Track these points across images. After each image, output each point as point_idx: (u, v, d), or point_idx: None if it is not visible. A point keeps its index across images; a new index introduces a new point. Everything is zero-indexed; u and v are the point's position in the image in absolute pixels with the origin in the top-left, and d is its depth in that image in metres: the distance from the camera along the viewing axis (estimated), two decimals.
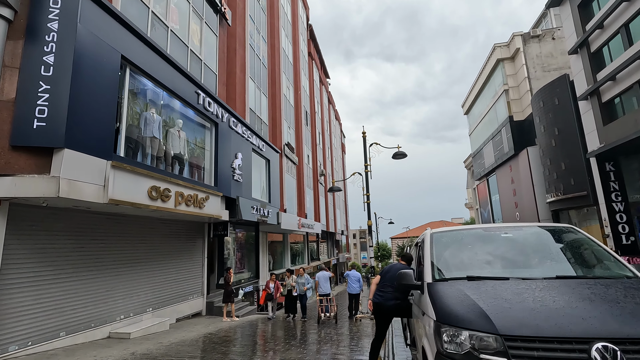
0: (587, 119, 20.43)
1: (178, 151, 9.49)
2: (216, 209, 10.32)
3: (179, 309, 10.25)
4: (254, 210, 13.46)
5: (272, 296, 11.41)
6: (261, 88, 16.76)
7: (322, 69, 36.43)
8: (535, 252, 3.50)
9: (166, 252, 9.88)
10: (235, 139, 12.56)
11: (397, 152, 11.42)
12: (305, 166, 24.95)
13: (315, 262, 27.82)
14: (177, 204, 8.37)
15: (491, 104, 34.06)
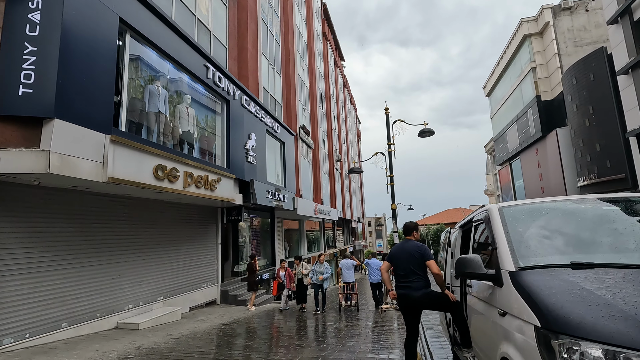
0: (628, 95, 18.73)
1: (187, 129, 8.78)
2: (229, 192, 9.63)
3: (192, 298, 9.71)
4: (269, 194, 12.76)
5: (283, 285, 10.58)
6: (275, 66, 15.86)
7: (336, 50, 35.11)
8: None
9: (177, 238, 9.29)
10: (248, 118, 11.78)
11: (423, 129, 10.42)
12: (321, 151, 24.09)
13: (331, 249, 27.21)
14: (186, 185, 7.68)
15: (516, 83, 32.18)
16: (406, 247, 4.12)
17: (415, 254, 3.98)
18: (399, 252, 4.20)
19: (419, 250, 3.99)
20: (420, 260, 3.94)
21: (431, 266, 3.89)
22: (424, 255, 3.95)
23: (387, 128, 10.70)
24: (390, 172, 10.51)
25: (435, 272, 3.86)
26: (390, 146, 10.59)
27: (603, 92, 20.88)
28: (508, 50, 33.02)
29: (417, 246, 4.04)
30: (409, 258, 4.00)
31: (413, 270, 3.95)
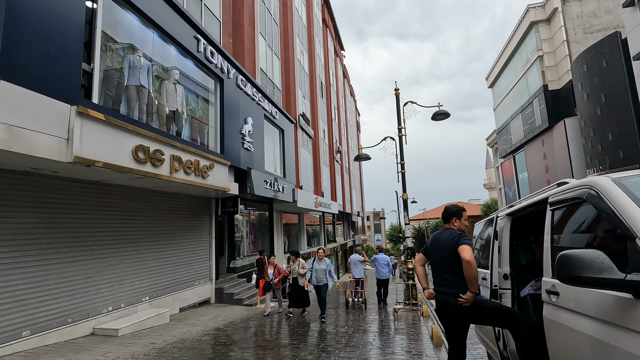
0: None
1: (174, 108, 7.77)
2: (223, 180, 8.66)
3: (183, 297, 8.78)
4: (267, 184, 11.79)
5: (270, 285, 8.76)
6: (273, 48, 14.80)
7: (336, 39, 33.97)
8: None
9: (166, 231, 8.33)
10: (245, 101, 10.77)
11: (437, 111, 9.45)
12: (322, 141, 23.10)
13: (331, 244, 26.35)
14: (173, 170, 6.70)
15: (522, 73, 31.20)
16: (439, 239, 3.20)
17: (448, 245, 3.02)
18: (432, 245, 3.30)
19: (452, 239, 3.01)
20: (454, 253, 2.95)
21: (461, 251, 2.86)
22: (457, 242, 2.95)
23: (397, 110, 9.73)
24: (400, 158, 9.56)
25: (464, 257, 2.82)
26: (400, 130, 9.63)
27: (617, 79, 19.96)
28: (513, 38, 31.98)
29: (450, 235, 3.07)
30: (441, 253, 3.11)
31: (448, 269, 3.04)
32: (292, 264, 8.60)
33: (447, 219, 3.29)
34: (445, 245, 3.06)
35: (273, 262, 8.97)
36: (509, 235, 3.63)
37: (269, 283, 8.72)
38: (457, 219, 3.26)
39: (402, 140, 9.57)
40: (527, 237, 4.04)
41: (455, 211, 3.30)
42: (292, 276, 8.51)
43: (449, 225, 3.26)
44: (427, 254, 3.37)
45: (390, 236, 70.37)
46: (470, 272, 2.82)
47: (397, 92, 9.89)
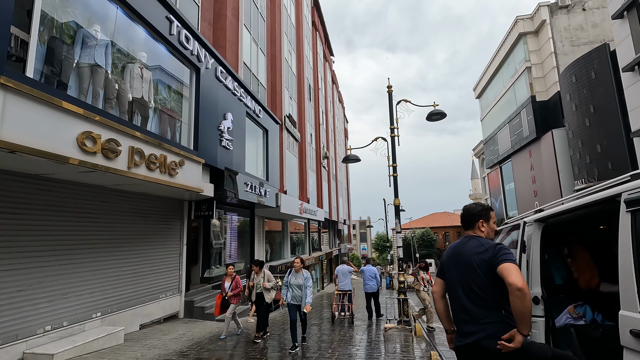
0: (632, 94, 17.76)
1: (140, 95, 6.80)
2: (195, 179, 7.70)
3: (145, 312, 7.70)
4: (247, 187, 10.86)
5: (227, 303, 7.26)
6: (258, 43, 13.98)
7: (326, 44, 33.49)
8: None
9: (127, 236, 7.29)
10: (224, 95, 9.87)
11: (433, 111, 8.78)
12: (308, 145, 22.29)
13: (316, 252, 25.38)
14: (132, 164, 5.73)
15: (510, 84, 31.33)
16: (463, 253, 2.26)
17: (479, 262, 2.13)
18: (450, 261, 2.35)
19: (485, 253, 2.13)
20: (491, 273, 2.07)
21: (506, 273, 1.95)
22: (494, 258, 2.07)
23: (389, 109, 9.00)
24: (392, 160, 8.80)
25: (513, 283, 1.89)
26: (393, 130, 8.89)
27: (605, 90, 19.94)
28: (502, 49, 32.17)
29: (481, 247, 2.17)
30: (467, 274, 2.18)
31: (478, 297, 2.11)
32: (255, 277, 7.16)
33: (470, 224, 2.38)
34: (474, 261, 2.15)
35: (231, 274, 7.49)
36: (539, 247, 2.85)
37: (225, 299, 7.23)
38: (485, 222, 2.36)
39: (395, 142, 8.83)
40: (561, 250, 3.27)
41: (481, 212, 2.39)
42: (257, 291, 7.09)
43: (474, 231, 2.35)
44: (444, 274, 2.42)
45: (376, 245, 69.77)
46: (524, 305, 1.89)
47: (389, 89, 9.18)
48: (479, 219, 2.37)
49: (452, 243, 2.44)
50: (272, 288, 7.13)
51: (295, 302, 6.34)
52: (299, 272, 6.45)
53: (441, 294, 2.45)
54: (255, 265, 7.28)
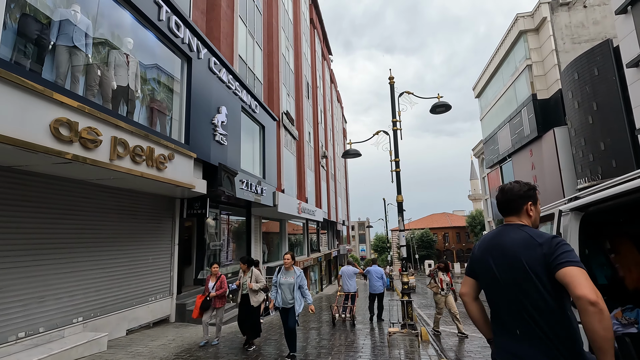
0: (637, 90, 17.44)
1: (125, 84, 6.35)
2: (186, 174, 7.24)
3: (133, 316, 7.22)
4: (243, 185, 10.41)
5: (208, 304, 6.50)
6: (255, 36, 13.56)
7: (324, 42, 33.12)
8: None
9: (113, 235, 6.82)
10: (218, 87, 9.43)
11: (437, 103, 8.35)
12: (307, 144, 21.86)
13: (315, 253, 24.92)
14: (115, 156, 5.27)
15: (510, 82, 31.01)
16: (505, 247, 1.72)
17: (530, 260, 1.60)
18: (487, 255, 1.79)
19: (539, 247, 1.60)
20: (545, 273, 1.56)
21: (572, 281, 1.44)
22: (552, 257, 1.54)
23: (391, 101, 8.58)
24: (395, 155, 8.36)
25: (584, 296, 1.38)
26: (395, 124, 8.45)
27: (608, 87, 19.60)
28: (502, 47, 31.87)
29: (529, 241, 1.65)
30: (514, 273, 1.65)
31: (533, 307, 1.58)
32: (243, 276, 6.36)
33: (513, 208, 1.83)
34: (525, 261, 1.60)
35: (216, 272, 6.73)
36: (578, 241, 2.41)
37: (207, 300, 6.48)
38: (533, 205, 1.84)
39: (397, 135, 8.40)
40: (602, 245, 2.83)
41: (528, 192, 1.87)
42: (242, 292, 6.27)
43: (518, 218, 1.82)
44: (475, 272, 1.90)
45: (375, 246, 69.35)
46: (603, 326, 1.35)
47: (391, 81, 8.76)
48: (526, 201, 1.83)
49: (488, 233, 1.95)
50: (261, 290, 6.30)
51: (285, 306, 5.43)
52: (289, 270, 5.56)
53: (473, 296, 1.95)
54: (243, 263, 6.43)
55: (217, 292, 6.52)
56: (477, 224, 54.69)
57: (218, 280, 6.61)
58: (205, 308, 6.48)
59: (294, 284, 5.43)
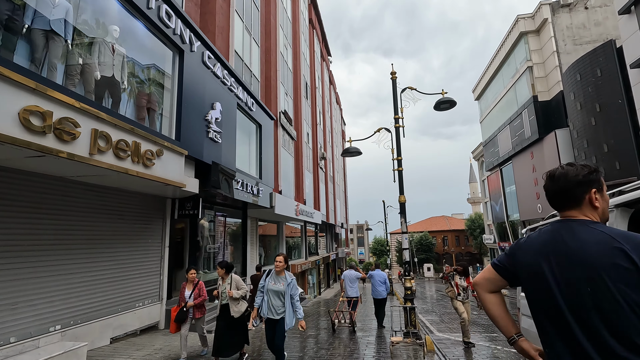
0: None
1: (110, 74, 5.94)
2: (176, 172, 6.81)
3: (118, 323, 6.77)
4: (239, 185, 9.99)
5: (184, 315, 5.62)
6: (252, 33, 13.18)
7: (323, 43, 32.84)
8: None
9: (96, 237, 6.39)
10: (213, 83, 9.03)
11: (441, 99, 7.97)
12: (305, 145, 21.46)
13: (313, 256, 24.46)
14: (95, 150, 4.84)
15: (510, 84, 30.74)
16: (573, 248, 1.27)
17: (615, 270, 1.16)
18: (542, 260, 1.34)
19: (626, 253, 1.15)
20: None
21: None
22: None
23: (393, 97, 8.19)
24: (397, 154, 7.97)
25: None
26: (397, 120, 8.06)
27: (612, 88, 19.29)
28: (502, 49, 31.63)
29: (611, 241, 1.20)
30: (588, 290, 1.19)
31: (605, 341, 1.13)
32: (222, 283, 5.56)
33: (572, 198, 1.39)
34: (604, 271, 1.17)
35: (193, 279, 5.87)
36: None
37: (183, 311, 5.61)
38: (599, 193, 1.39)
39: (400, 132, 8.00)
40: None
41: (590, 176, 1.40)
42: (222, 302, 5.46)
43: (580, 212, 1.38)
44: (515, 278, 1.48)
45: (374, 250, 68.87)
46: None
47: (393, 76, 8.38)
48: (588, 188, 1.39)
49: (541, 230, 1.45)
50: (242, 298, 5.46)
51: (272, 316, 4.61)
52: (280, 275, 4.77)
53: (489, 288, 1.56)
54: (221, 268, 5.58)
55: (196, 302, 5.71)
56: (476, 227, 54.33)
57: (196, 288, 5.82)
58: (181, 320, 5.61)
59: (284, 292, 4.62)
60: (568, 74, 22.58)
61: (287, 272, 4.86)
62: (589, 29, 25.44)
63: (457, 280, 7.29)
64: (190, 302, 5.69)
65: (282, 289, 4.65)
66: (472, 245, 57.76)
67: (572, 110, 22.47)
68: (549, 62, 26.22)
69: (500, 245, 38.54)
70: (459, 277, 7.31)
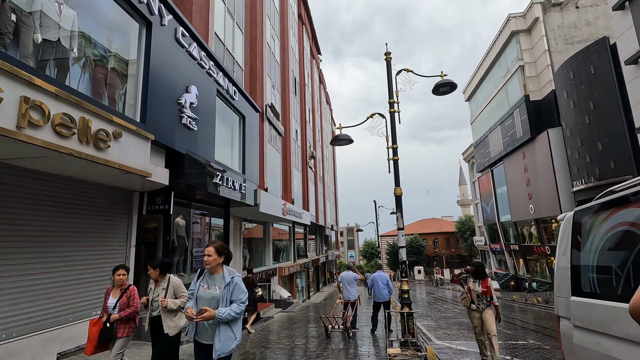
0: (635, 88, 16.82)
1: (55, 38, 4.99)
2: (139, 159, 5.87)
3: (68, 336, 5.77)
4: (217, 178, 9.07)
5: (109, 332, 4.13)
6: (235, 17, 12.31)
7: (313, 41, 32.13)
8: None
9: (40, 234, 5.42)
10: (187, 63, 8.12)
11: (440, 82, 7.22)
12: (293, 142, 20.61)
13: (302, 259, 23.54)
14: (26, 123, 3.91)
15: (501, 84, 30.51)
16: None
17: None
18: None
19: None
20: None
21: None
22: None
23: (388, 80, 7.42)
24: (392, 141, 7.18)
25: None
26: (392, 105, 7.28)
27: (606, 85, 18.99)
28: (493, 49, 31.41)
29: None
30: None
31: None
32: (154, 288, 4.35)
33: None
34: None
35: (121, 281, 4.37)
36: None
37: (106, 327, 4.11)
38: None
39: (395, 118, 7.22)
40: None
41: None
42: (153, 313, 4.28)
43: None
44: None
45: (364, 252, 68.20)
46: None
47: (388, 57, 7.61)
48: None
49: None
50: (181, 309, 4.13)
51: (202, 339, 3.08)
52: (216, 274, 3.21)
53: None
54: (153, 267, 4.27)
55: (123, 314, 4.18)
56: (466, 230, 54.16)
57: (125, 294, 4.31)
58: (105, 340, 4.09)
59: (221, 297, 3.05)
60: (561, 72, 22.30)
61: (227, 268, 3.25)
62: (580, 29, 25.32)
63: (469, 284, 5.89)
64: (114, 314, 4.19)
65: (217, 295, 3.08)
66: (463, 247, 57.56)
67: (565, 109, 22.17)
68: (541, 61, 26.01)
69: (491, 247, 38.22)
70: (472, 281, 5.87)
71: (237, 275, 3.22)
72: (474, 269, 5.86)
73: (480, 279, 5.75)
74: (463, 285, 6.05)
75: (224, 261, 3.27)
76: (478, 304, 5.68)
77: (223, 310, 2.95)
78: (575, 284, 2.38)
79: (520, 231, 30.26)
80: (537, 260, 28.36)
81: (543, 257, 26.80)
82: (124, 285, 4.41)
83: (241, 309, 3.04)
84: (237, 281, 3.16)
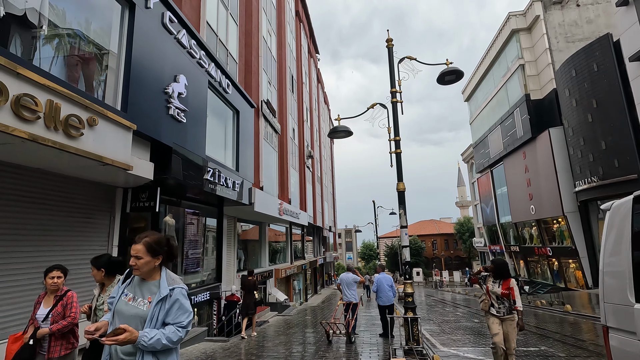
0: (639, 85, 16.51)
1: (21, 12, 4.48)
2: (118, 150, 5.36)
3: None
4: (209, 175, 8.56)
5: (30, 351, 3.24)
6: (229, 7, 11.83)
7: (311, 39, 31.71)
8: None
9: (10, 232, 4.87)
10: (176, 51, 7.62)
11: (445, 70, 6.75)
12: (290, 141, 20.12)
13: (299, 260, 23.00)
14: None
15: (501, 83, 30.15)
16: None
17: None
18: None
19: None
20: None
21: None
22: None
23: (389, 68, 6.94)
24: (395, 133, 6.69)
25: None
26: (394, 94, 6.80)
27: (609, 83, 18.60)
28: (493, 48, 31.05)
29: None
30: None
31: None
32: (99, 294, 3.48)
33: None
34: None
35: (55, 286, 3.55)
36: None
37: (28, 345, 3.27)
38: None
39: (397, 108, 6.74)
40: None
41: None
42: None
43: None
44: None
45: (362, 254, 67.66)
46: None
47: (389, 44, 7.13)
48: None
49: None
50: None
51: None
52: (150, 280, 2.14)
53: None
54: (97, 268, 3.39)
55: (55, 327, 3.36)
56: (465, 231, 53.77)
57: (59, 303, 3.48)
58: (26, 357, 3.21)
59: (150, 317, 2.00)
60: (562, 70, 21.94)
61: (168, 274, 2.19)
62: (581, 27, 25.01)
63: (489, 284, 5.03)
64: (44, 327, 3.33)
65: (143, 313, 2.03)
66: (462, 249, 57.14)
67: (567, 107, 21.79)
68: (541, 59, 25.66)
69: (490, 249, 37.80)
70: (492, 281, 5.01)
71: (179, 287, 2.10)
72: (494, 267, 5.00)
73: (501, 279, 4.91)
74: (482, 286, 5.17)
75: (162, 262, 2.17)
76: (499, 308, 4.86)
77: (151, 334, 1.89)
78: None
79: (520, 232, 29.83)
80: (537, 261, 27.94)
81: (544, 258, 26.38)
82: (59, 291, 3.56)
83: (179, 337, 1.98)
84: (179, 296, 2.07)
